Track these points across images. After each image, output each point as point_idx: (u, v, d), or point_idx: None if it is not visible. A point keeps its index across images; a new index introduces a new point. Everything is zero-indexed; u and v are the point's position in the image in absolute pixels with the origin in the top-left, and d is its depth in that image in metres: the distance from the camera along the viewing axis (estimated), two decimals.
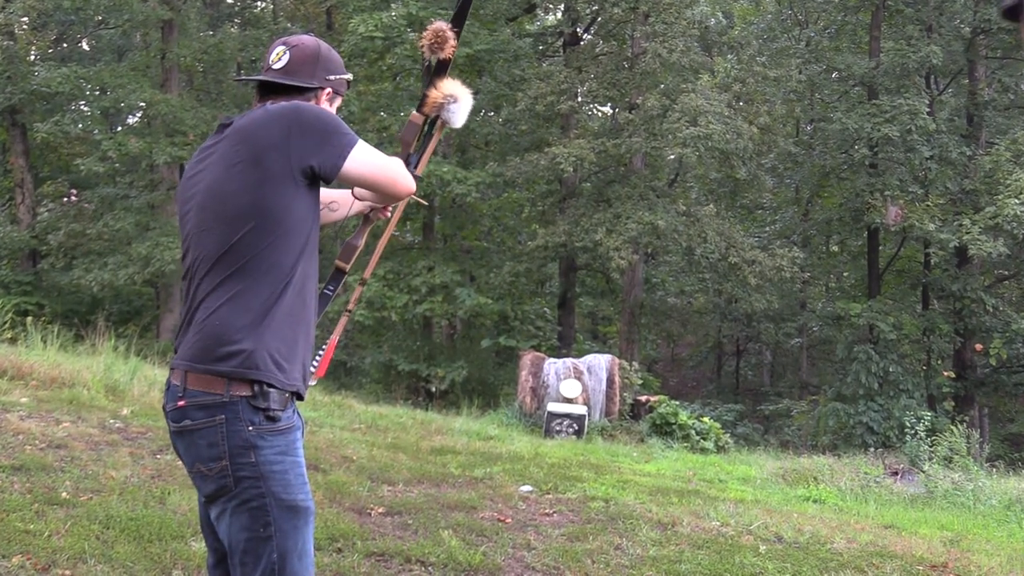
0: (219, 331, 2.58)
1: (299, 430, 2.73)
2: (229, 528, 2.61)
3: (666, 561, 5.55)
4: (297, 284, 2.67)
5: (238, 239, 2.60)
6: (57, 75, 24.44)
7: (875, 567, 5.80)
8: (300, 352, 2.70)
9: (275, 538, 2.57)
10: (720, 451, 13.31)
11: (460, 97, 3.20)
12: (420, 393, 21.24)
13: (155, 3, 25.79)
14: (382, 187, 2.83)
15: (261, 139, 2.63)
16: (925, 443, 11.82)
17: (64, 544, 4.65)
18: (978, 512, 8.91)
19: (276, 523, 2.57)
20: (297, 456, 2.66)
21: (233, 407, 2.55)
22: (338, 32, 23.52)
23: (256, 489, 2.55)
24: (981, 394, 23.36)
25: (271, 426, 2.58)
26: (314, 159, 2.63)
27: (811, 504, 8.67)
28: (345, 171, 2.68)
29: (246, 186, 2.62)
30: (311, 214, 2.71)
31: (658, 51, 20.43)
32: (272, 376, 2.58)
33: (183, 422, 2.60)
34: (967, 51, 22.78)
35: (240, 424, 2.55)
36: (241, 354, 2.55)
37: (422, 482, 7.25)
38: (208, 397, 2.55)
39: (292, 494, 2.59)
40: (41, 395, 7.97)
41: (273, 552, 2.57)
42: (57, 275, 25.70)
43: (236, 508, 2.57)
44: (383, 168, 2.79)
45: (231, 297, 2.60)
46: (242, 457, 2.54)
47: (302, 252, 2.68)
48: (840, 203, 24.89)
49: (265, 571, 2.57)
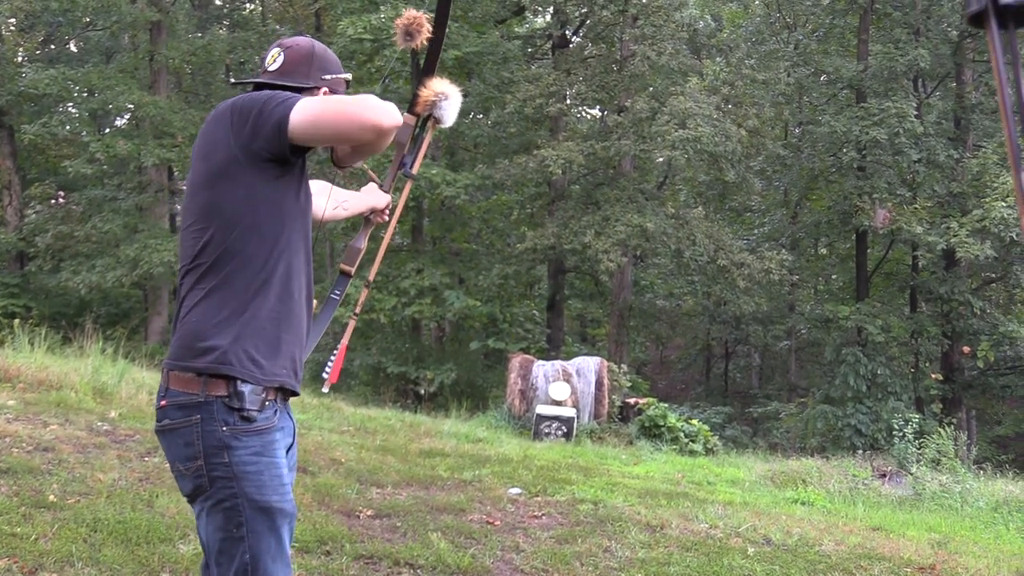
0: (195, 328, 2.60)
1: (280, 431, 2.71)
2: (205, 528, 2.61)
3: (655, 563, 5.56)
4: (279, 278, 2.67)
5: (208, 237, 2.63)
6: (45, 77, 24.39)
7: (863, 569, 5.81)
8: (285, 348, 2.69)
9: (248, 539, 2.57)
10: (709, 453, 13.32)
11: (450, 95, 3.19)
12: (409, 395, 21.22)
13: (143, 5, 25.74)
14: (342, 126, 2.55)
15: (209, 136, 2.68)
16: (913, 445, 11.86)
17: (51, 547, 4.63)
18: (965, 514, 8.95)
19: (249, 524, 2.56)
20: (274, 457, 2.64)
21: (208, 407, 2.56)
22: (327, 34, 23.50)
23: (229, 489, 2.56)
24: (968, 396, 23.44)
25: (246, 426, 2.58)
26: (256, 138, 2.58)
27: (799, 506, 8.69)
28: (292, 129, 2.52)
29: (204, 184, 2.67)
30: (286, 206, 2.68)
31: (647, 54, 20.46)
32: (247, 373, 2.58)
33: (164, 421, 2.63)
34: (954, 55, 22.88)
35: (215, 424, 2.55)
36: (215, 351, 2.57)
37: (411, 485, 7.25)
38: (185, 397, 2.57)
39: (266, 495, 2.58)
40: (28, 398, 7.95)
41: (246, 553, 2.56)
42: (45, 277, 25.66)
43: (211, 508, 2.58)
44: (332, 107, 2.57)
45: (206, 294, 2.62)
46: (216, 457, 2.55)
47: (279, 246, 2.67)
48: (828, 206, 24.95)
49: (238, 571, 2.57)
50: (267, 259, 2.64)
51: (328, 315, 3.26)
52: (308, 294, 2.82)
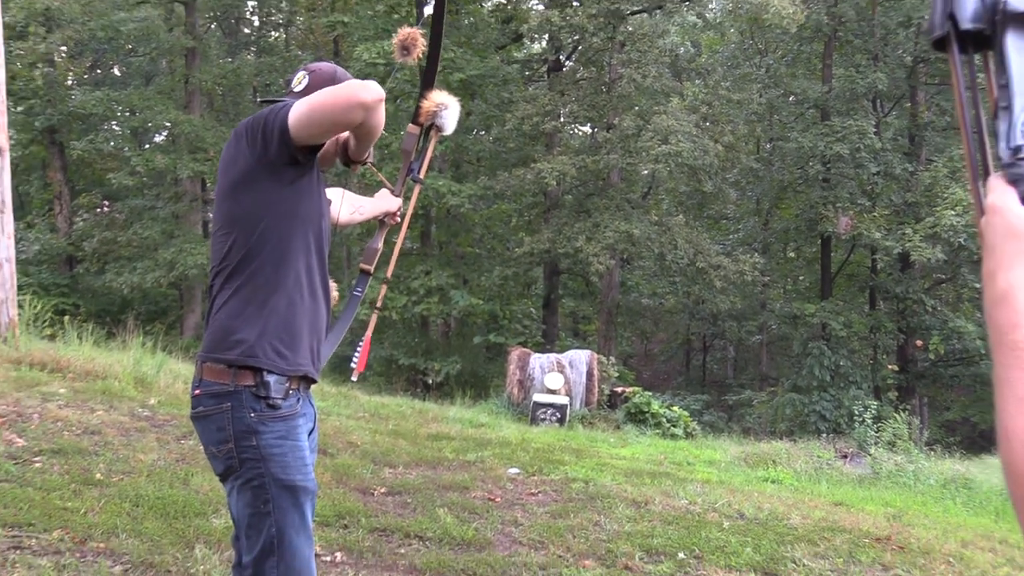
0: (225, 324, 2.62)
1: (303, 416, 2.73)
2: (236, 504, 2.63)
3: (640, 536, 5.57)
4: (298, 275, 2.67)
5: (232, 241, 2.64)
6: (92, 98, 24.48)
7: (827, 540, 5.82)
8: (306, 339, 2.70)
9: (273, 514, 2.58)
10: (688, 437, 13.30)
11: (449, 104, 3.19)
12: (418, 385, 21.20)
13: (179, 33, 25.83)
14: (331, 111, 2.50)
15: (229, 152, 2.70)
16: (871, 429, 11.88)
17: (98, 520, 4.65)
18: (918, 491, 8.96)
19: (275, 501, 2.58)
20: (298, 440, 2.66)
21: (238, 396, 2.58)
22: (344, 59, 23.48)
23: (257, 470, 2.57)
24: (921, 385, 23.45)
25: (272, 413, 2.59)
26: (268, 148, 2.57)
27: (770, 484, 8.68)
28: (293, 129, 2.51)
29: (227, 194, 2.69)
30: (301, 210, 2.67)
31: (633, 76, 20.49)
32: (272, 364, 2.60)
33: (198, 408, 2.65)
34: (909, 78, 22.88)
35: (244, 411, 2.57)
36: (243, 344, 2.59)
37: (420, 465, 7.25)
38: (217, 386, 2.59)
39: (290, 475, 2.60)
40: (77, 386, 7.94)
41: (272, 527, 2.58)
42: (91, 278, 25.69)
43: (241, 486, 2.60)
44: (319, 99, 2.52)
45: (233, 293, 2.64)
46: (245, 440, 2.57)
47: (296, 246, 2.67)
48: (796, 214, 24.94)
49: (265, 544, 2.59)
50: (285, 259, 2.65)
51: (352, 310, 3.27)
52: (325, 290, 2.82)
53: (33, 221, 26.97)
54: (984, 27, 0.99)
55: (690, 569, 5.03)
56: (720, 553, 5.31)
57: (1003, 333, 0.88)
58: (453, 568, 4.64)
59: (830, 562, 5.37)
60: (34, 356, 8.60)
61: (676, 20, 25.40)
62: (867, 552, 5.63)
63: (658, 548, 5.33)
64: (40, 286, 22.04)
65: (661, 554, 5.25)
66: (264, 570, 2.59)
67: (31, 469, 5.46)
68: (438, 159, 22.85)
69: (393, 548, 4.93)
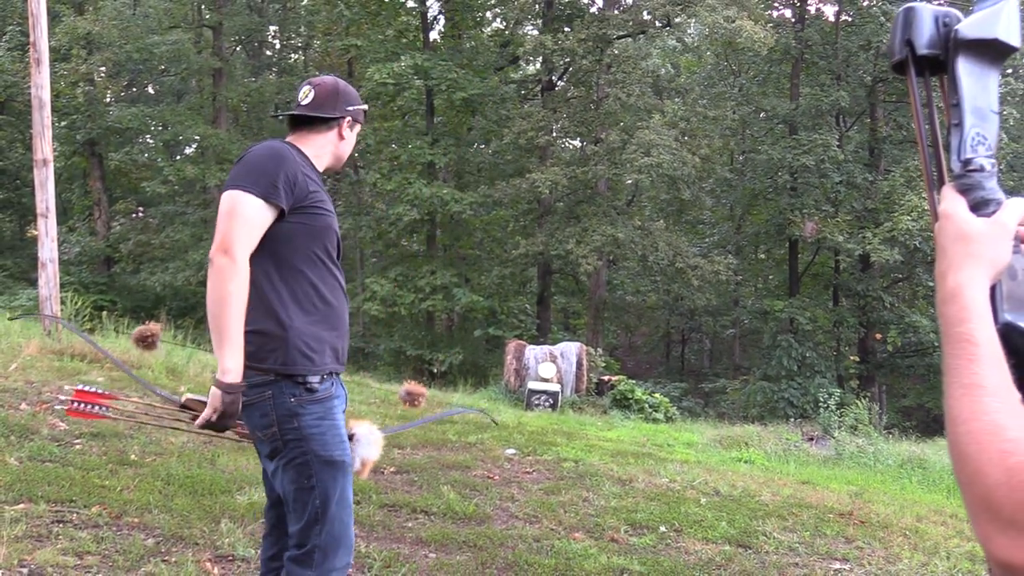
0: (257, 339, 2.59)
1: (338, 398, 2.75)
2: (282, 481, 2.65)
3: (625, 511, 5.57)
4: (313, 288, 2.66)
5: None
6: (128, 114, 24.52)
7: (794, 515, 5.83)
8: (327, 340, 2.69)
9: (317, 488, 2.60)
10: (668, 421, 13.32)
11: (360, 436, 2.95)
12: (424, 373, 21.20)
13: (208, 55, 25.80)
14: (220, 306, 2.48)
15: None
16: (835, 414, 11.87)
17: (133, 497, 4.64)
18: (877, 470, 8.96)
19: (317, 475, 2.60)
20: (335, 420, 2.68)
21: (278, 385, 2.59)
22: (357, 79, 23.44)
23: (300, 449, 2.59)
24: (880, 374, 23.45)
25: (310, 396, 2.61)
26: None
27: (743, 464, 8.69)
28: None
29: None
30: (300, 233, 2.64)
31: (618, 95, 20.51)
32: (305, 368, 2.60)
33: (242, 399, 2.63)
34: (869, 96, 22.87)
35: (284, 397, 2.59)
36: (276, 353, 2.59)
37: (426, 446, 7.25)
38: (259, 377, 2.59)
39: (330, 451, 2.62)
40: (114, 375, 7.94)
41: (316, 499, 2.60)
42: (127, 277, 25.71)
43: (286, 465, 2.61)
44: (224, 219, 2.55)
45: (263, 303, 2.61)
46: (288, 423, 2.59)
47: (301, 263, 2.64)
48: (766, 219, 24.93)
49: (311, 515, 2.61)
50: (297, 276, 2.64)
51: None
52: (343, 296, 2.81)
53: (75, 225, 26.99)
54: (939, 52, 0.99)
55: (670, 541, 5.03)
56: (698, 527, 5.31)
57: (952, 326, 0.90)
58: (456, 540, 4.63)
59: (798, 535, 5.37)
60: (75, 348, 8.60)
61: (658, 44, 25.50)
62: (831, 526, 5.63)
63: (641, 522, 5.33)
64: (81, 284, 22.02)
65: (644, 527, 5.24)
66: (309, 536, 2.62)
67: (72, 450, 5.45)
68: (442, 170, 22.88)
69: (401, 522, 4.93)
